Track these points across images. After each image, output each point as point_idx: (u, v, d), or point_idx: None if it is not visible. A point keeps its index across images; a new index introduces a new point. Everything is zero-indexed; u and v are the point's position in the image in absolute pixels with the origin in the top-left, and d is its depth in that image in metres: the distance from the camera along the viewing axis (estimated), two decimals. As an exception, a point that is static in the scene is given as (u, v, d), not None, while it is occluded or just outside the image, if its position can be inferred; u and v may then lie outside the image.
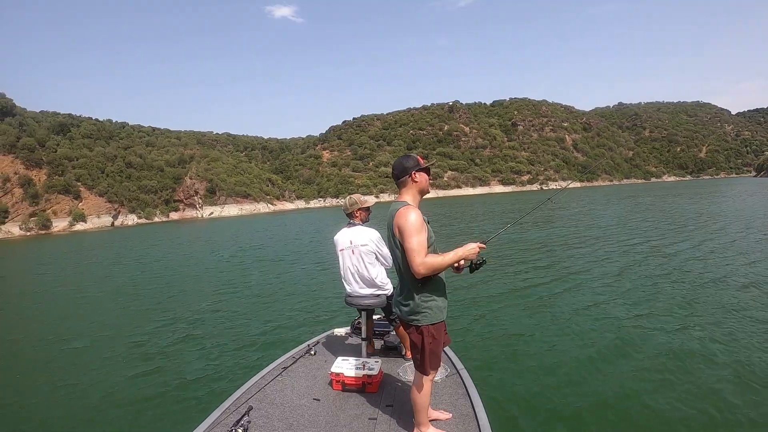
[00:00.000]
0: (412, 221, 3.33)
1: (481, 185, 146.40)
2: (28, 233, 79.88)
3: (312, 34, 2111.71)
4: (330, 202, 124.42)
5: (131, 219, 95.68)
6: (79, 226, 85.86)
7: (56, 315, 13.97)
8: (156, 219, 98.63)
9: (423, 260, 3.28)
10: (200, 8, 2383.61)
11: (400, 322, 3.80)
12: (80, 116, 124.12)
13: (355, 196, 5.30)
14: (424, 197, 3.70)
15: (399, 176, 3.62)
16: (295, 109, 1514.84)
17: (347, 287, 5.20)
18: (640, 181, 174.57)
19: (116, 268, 24.43)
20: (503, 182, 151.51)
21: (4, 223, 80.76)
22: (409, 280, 3.49)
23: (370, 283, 5.06)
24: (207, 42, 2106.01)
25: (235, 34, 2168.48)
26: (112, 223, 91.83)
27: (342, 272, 5.20)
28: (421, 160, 3.66)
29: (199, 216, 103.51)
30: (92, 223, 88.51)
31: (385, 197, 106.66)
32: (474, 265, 3.54)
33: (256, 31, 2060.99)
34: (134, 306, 14.23)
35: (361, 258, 5.03)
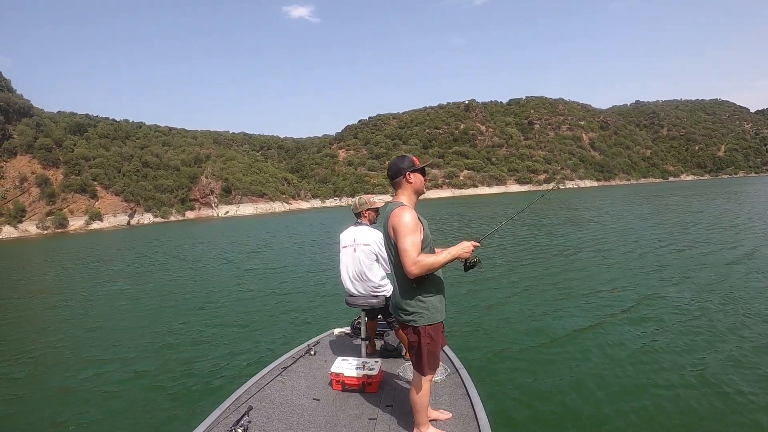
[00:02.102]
0: (406, 221, 3.31)
1: (497, 184, 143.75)
2: (45, 232, 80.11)
3: (328, 33, 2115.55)
4: (345, 201, 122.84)
5: (147, 218, 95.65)
6: (96, 225, 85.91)
7: (55, 314, 13.55)
8: (172, 218, 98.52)
9: (416, 260, 3.24)
10: (217, 8, 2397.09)
11: (398, 322, 3.70)
12: (97, 116, 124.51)
13: (365, 197, 5.34)
14: (421, 197, 3.71)
15: (394, 177, 3.61)
16: (311, 108, 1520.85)
17: (347, 286, 5.15)
18: (657, 180, 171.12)
19: (119, 266, 24.15)
20: (519, 181, 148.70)
21: (21, 221, 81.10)
22: (406, 280, 3.43)
23: (369, 283, 5.01)
24: (223, 42, 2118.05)
25: (252, 34, 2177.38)
26: (128, 222, 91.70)
27: (342, 270, 5.16)
28: (416, 160, 3.64)
29: (215, 215, 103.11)
30: (108, 221, 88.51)
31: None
32: (469, 264, 3.50)
33: (273, 31, 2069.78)
34: (132, 305, 13.86)
35: (361, 257, 5.00)
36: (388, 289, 5.04)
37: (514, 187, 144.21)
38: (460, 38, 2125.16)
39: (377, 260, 5.04)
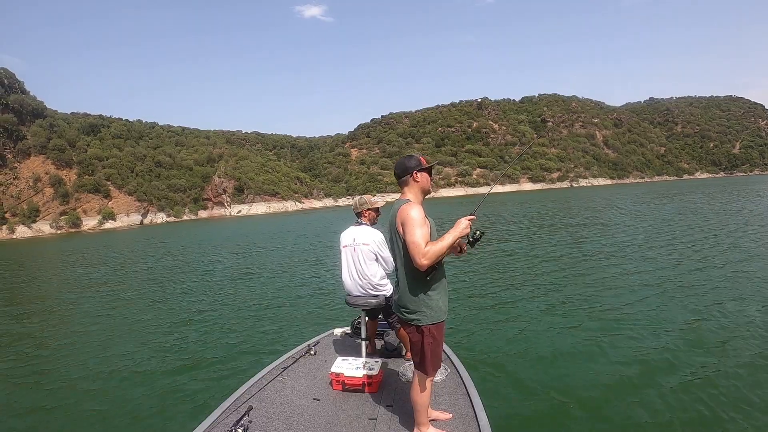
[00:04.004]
0: (414, 215, 3.34)
1: (510, 183, 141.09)
2: (59, 231, 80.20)
3: (341, 33, 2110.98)
4: (379, 198, 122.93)
5: (160, 217, 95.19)
6: (109, 225, 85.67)
7: (55, 314, 13.59)
8: (185, 217, 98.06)
9: (424, 252, 3.23)
10: (230, 8, 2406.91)
11: (400, 322, 3.70)
12: (110, 117, 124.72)
13: (366, 197, 5.34)
14: (430, 197, 3.75)
15: (401, 175, 3.66)
16: (323, 107, 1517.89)
17: (347, 286, 5.08)
18: (672, 178, 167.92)
19: (118, 266, 24.27)
20: (533, 180, 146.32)
21: (35, 221, 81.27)
22: (410, 278, 3.45)
23: (369, 283, 4.93)
24: (236, 42, 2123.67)
25: (265, 34, 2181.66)
26: (142, 221, 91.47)
27: (343, 270, 5.10)
28: (423, 160, 3.67)
29: (228, 214, 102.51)
30: (121, 221, 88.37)
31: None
32: (472, 239, 3.48)
33: (286, 31, 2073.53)
34: (132, 305, 13.80)
35: (361, 257, 4.93)
36: (387, 288, 4.97)
37: (527, 186, 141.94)
38: (472, 36, 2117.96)
39: (377, 260, 4.95)
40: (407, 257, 3.38)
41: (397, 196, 4.86)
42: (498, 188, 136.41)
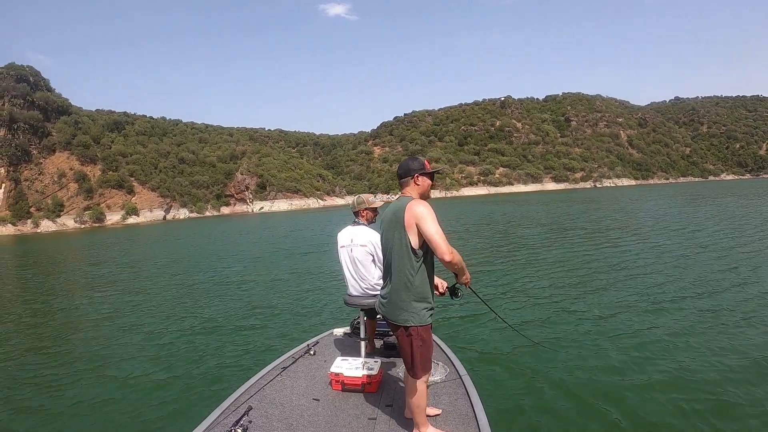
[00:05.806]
0: (429, 211, 3.22)
1: (533, 182, 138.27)
2: (83, 226, 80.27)
3: (365, 30, 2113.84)
4: (380, 198, 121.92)
5: (183, 213, 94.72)
6: (132, 220, 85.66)
7: (54, 314, 13.18)
8: (207, 213, 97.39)
9: (452, 249, 3.15)
10: (254, 7, 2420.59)
11: (387, 322, 3.56)
12: (135, 114, 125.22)
13: (364, 196, 5.23)
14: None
15: (402, 176, 3.57)
16: (347, 105, 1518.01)
17: (347, 285, 4.99)
18: (697, 179, 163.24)
19: (125, 264, 23.77)
20: (556, 179, 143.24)
21: (59, 216, 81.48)
22: (405, 277, 3.32)
23: (367, 283, 4.84)
24: (261, 40, 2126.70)
25: (289, 32, 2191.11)
26: (164, 217, 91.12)
27: (343, 270, 5.01)
28: (427, 164, 3.59)
29: (250, 211, 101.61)
30: (144, 216, 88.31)
31: (435, 194, 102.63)
32: (454, 290, 3.65)
33: (310, 29, 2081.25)
34: (130, 304, 13.41)
35: (358, 258, 4.84)
36: None
37: (551, 185, 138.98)
38: (498, 34, 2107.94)
39: (374, 261, 4.81)
40: (405, 255, 3.27)
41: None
42: (521, 188, 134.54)
